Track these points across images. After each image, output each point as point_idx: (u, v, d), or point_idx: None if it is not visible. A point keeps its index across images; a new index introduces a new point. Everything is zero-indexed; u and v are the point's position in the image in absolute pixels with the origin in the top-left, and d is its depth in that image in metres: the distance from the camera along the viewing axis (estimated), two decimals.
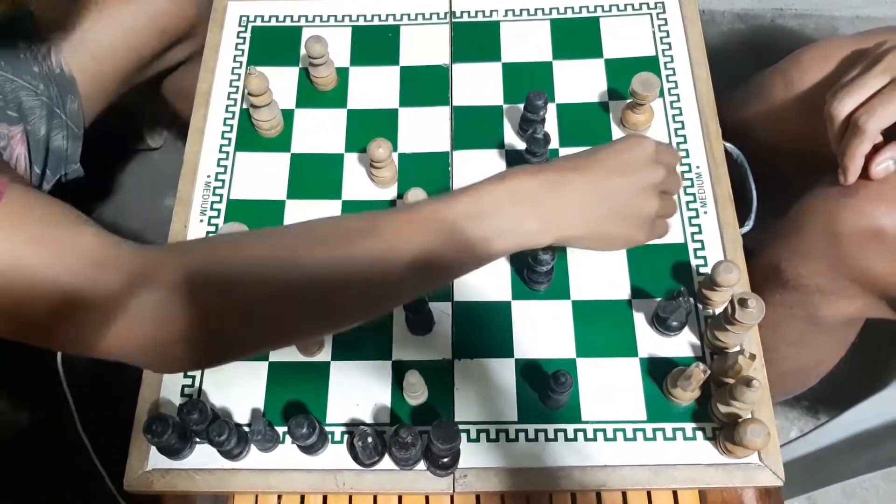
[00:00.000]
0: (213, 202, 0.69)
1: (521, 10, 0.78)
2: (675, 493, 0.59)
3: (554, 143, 0.70)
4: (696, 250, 0.65)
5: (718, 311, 0.61)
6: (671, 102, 0.72)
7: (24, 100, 0.77)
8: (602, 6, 0.77)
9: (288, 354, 0.62)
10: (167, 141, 1.32)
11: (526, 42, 0.76)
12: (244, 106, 0.73)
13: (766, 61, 0.81)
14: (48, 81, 0.78)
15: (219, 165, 0.71)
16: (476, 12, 0.78)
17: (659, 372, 0.60)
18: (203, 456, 0.59)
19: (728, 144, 0.71)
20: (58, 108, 0.80)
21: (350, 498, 0.59)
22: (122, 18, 0.82)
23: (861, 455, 0.83)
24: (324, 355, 0.62)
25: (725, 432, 0.56)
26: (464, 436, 0.58)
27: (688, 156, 0.69)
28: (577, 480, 0.57)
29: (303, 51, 0.75)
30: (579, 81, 0.73)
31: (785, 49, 0.80)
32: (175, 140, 1.31)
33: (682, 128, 0.70)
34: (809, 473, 0.89)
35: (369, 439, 0.54)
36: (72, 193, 0.88)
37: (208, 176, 0.70)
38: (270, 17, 0.79)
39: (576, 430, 0.59)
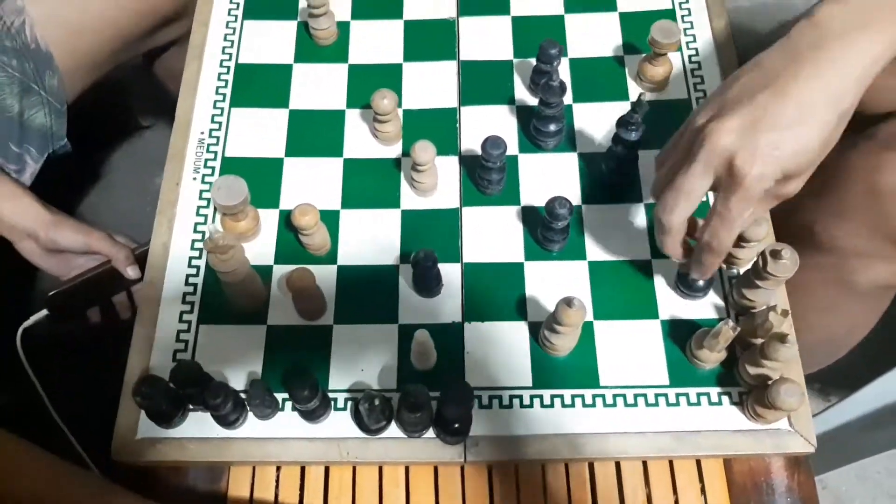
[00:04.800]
0: (206, 160, 0.65)
1: None
2: (698, 463, 0.56)
3: (567, 97, 0.66)
4: None
5: (744, 269, 0.57)
6: (689, 56, 0.68)
7: None
8: None
9: (287, 318, 0.58)
10: (159, 119, 1.28)
11: None
12: (240, 61, 0.69)
13: (792, 14, 0.78)
14: (22, 57, 0.74)
15: (213, 122, 0.67)
16: None
17: (682, 335, 0.57)
18: (197, 424, 0.55)
19: None
20: (35, 84, 0.76)
21: (354, 469, 0.55)
22: None
23: (874, 435, 0.81)
24: (326, 319, 0.58)
25: (755, 395, 0.53)
26: (475, 402, 0.55)
27: None
28: (596, 448, 0.54)
29: (302, 3, 0.71)
30: (593, 35, 0.70)
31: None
32: (167, 119, 1.27)
33: (702, 82, 0.67)
34: (821, 455, 0.87)
35: (376, 402, 0.50)
36: (61, 170, 0.84)
37: (202, 132, 0.66)
38: None
39: (594, 396, 0.55)
